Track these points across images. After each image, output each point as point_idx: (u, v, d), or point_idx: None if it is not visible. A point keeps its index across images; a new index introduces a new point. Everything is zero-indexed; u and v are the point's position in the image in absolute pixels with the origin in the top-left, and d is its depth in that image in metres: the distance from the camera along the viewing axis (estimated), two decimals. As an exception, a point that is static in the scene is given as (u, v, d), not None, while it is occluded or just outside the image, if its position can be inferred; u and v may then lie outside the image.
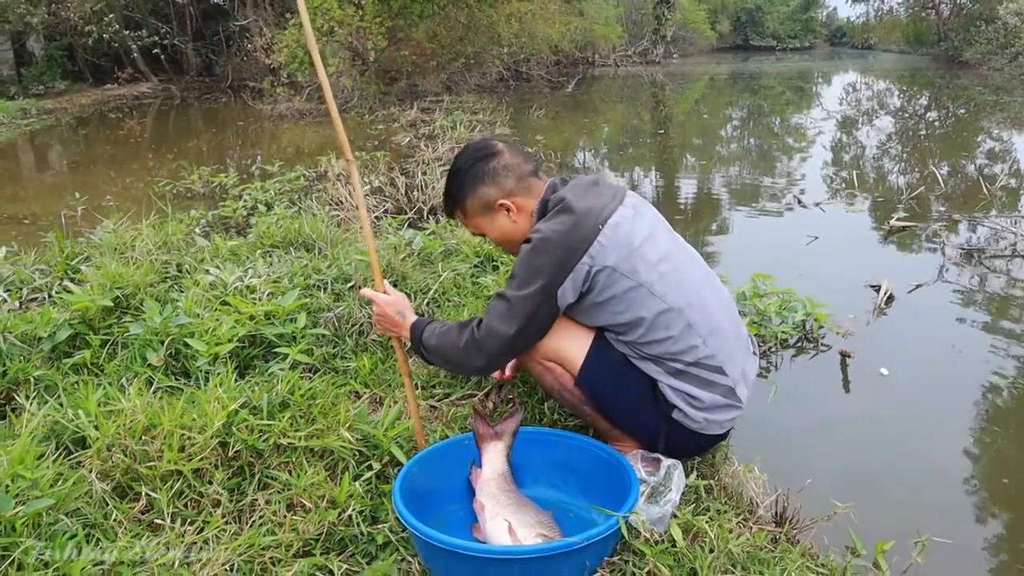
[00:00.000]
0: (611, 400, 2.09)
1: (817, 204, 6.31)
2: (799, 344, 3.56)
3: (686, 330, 1.99)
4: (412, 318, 2.21)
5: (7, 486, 1.52)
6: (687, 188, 7.57)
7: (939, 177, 6.82)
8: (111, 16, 16.96)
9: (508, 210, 2.13)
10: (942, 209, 5.97)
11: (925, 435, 2.86)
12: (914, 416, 3.00)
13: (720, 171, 8.42)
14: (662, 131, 11.89)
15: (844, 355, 3.40)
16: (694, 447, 2.16)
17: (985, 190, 6.31)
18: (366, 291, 2.26)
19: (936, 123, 12.68)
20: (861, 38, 41.55)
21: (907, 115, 13.95)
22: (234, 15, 19.53)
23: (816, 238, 5.30)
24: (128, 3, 17.42)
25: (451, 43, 14.80)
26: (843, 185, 7.23)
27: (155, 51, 18.51)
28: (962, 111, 13.90)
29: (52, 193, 7.68)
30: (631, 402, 2.07)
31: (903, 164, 8.65)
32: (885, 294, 4.06)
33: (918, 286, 4.28)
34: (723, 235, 5.81)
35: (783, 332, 3.48)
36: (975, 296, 4.23)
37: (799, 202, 6.39)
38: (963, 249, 4.99)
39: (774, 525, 2.00)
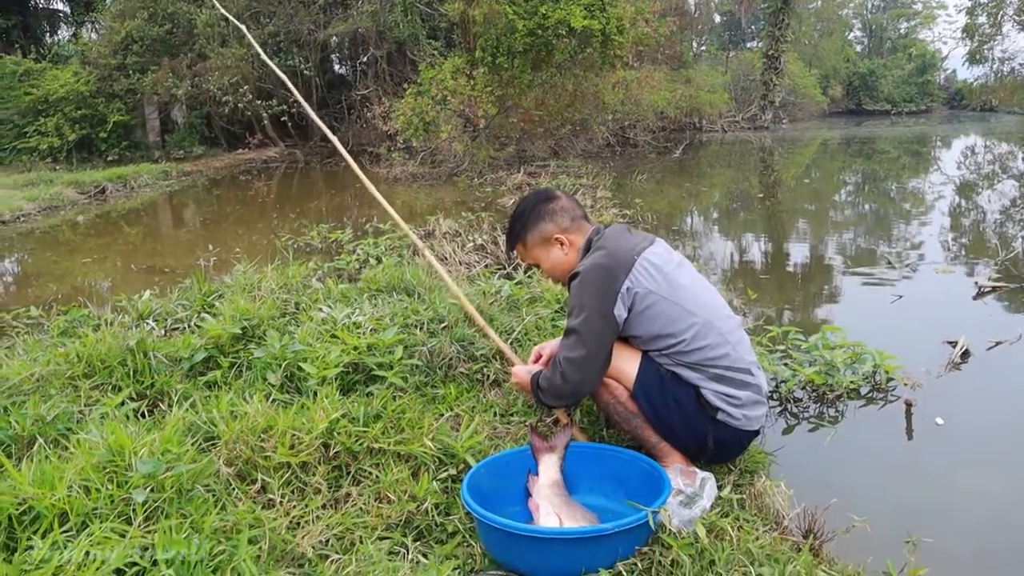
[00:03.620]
0: (663, 408, 2.39)
1: (907, 265, 6.38)
2: (869, 395, 3.70)
3: (719, 339, 2.36)
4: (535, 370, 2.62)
5: (158, 456, 1.94)
6: (794, 252, 7.74)
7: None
8: (246, 87, 18.48)
9: (562, 244, 2.57)
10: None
11: (970, 479, 2.97)
12: (962, 461, 3.13)
13: (826, 236, 8.53)
14: (762, 195, 11.98)
15: (908, 404, 3.53)
16: (737, 445, 2.48)
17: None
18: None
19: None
20: (980, 100, 40.18)
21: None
22: (356, 85, 20.90)
23: (900, 297, 5.39)
24: (261, 75, 18.83)
25: (558, 110, 15.31)
26: (946, 247, 7.24)
27: (283, 119, 19.94)
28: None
29: (187, 247, 8.51)
30: (681, 408, 2.38)
31: (1016, 227, 8.52)
32: (960, 349, 4.14)
33: (998, 343, 4.33)
34: (813, 295, 5.95)
35: (852, 382, 3.64)
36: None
37: (889, 263, 6.47)
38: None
39: (802, 537, 2.22)
